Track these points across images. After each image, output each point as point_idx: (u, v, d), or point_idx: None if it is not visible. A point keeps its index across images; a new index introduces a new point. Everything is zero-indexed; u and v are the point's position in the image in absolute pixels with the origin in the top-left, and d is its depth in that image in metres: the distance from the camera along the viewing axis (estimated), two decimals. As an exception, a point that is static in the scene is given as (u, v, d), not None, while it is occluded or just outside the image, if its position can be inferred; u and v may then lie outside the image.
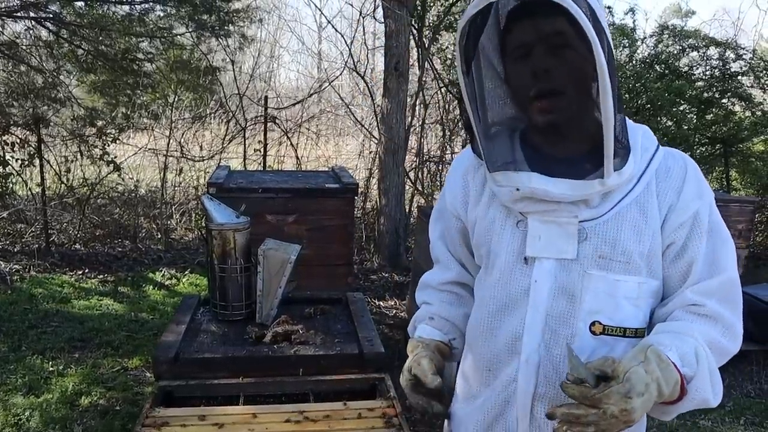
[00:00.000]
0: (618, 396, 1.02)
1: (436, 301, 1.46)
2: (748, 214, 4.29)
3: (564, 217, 1.20)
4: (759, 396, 4.19)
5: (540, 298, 1.22)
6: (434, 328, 1.41)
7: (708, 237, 1.21)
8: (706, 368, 1.12)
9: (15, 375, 3.85)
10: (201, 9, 6.73)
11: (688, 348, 1.12)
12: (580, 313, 1.20)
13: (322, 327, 2.18)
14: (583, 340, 1.20)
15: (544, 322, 1.22)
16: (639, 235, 1.19)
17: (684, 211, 1.20)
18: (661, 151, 1.24)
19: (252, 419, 1.66)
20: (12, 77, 6.59)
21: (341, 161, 8.14)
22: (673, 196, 1.20)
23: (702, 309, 1.19)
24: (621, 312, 1.20)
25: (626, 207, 1.19)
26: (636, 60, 6.78)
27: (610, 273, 1.19)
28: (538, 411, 1.24)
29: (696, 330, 1.16)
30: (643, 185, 1.20)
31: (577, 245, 1.20)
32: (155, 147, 7.36)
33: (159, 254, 6.57)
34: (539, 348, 1.22)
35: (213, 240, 2.21)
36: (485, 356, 1.31)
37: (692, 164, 1.24)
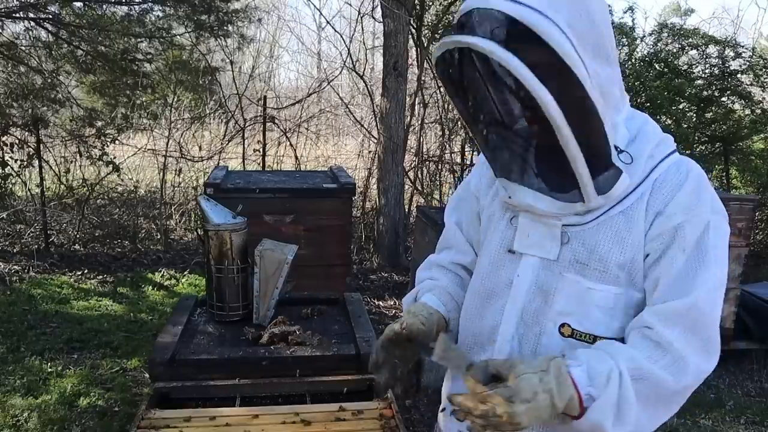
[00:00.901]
0: (501, 398, 1.06)
1: (444, 278, 1.46)
2: (748, 212, 4.28)
3: (550, 219, 1.22)
4: (759, 395, 4.18)
5: (519, 293, 1.26)
6: (440, 302, 1.40)
7: (690, 257, 1.13)
8: (615, 395, 1.08)
9: (13, 376, 3.85)
10: (200, 9, 6.73)
11: (602, 369, 1.09)
12: (550, 313, 1.22)
13: (319, 328, 2.17)
14: (551, 339, 1.22)
15: (520, 317, 1.26)
16: (620, 245, 1.17)
17: (666, 221, 1.15)
18: (668, 160, 1.19)
19: (248, 421, 1.66)
20: (11, 78, 6.59)
21: (340, 161, 8.14)
22: (660, 205, 1.16)
23: (653, 334, 1.13)
24: (591, 319, 1.20)
25: (613, 216, 1.18)
26: (635, 58, 6.76)
27: (585, 279, 1.19)
28: None
29: (626, 355, 1.11)
30: (637, 196, 1.17)
31: (559, 247, 1.22)
32: (154, 147, 7.36)
33: (158, 255, 6.56)
34: (512, 340, 1.26)
35: (210, 241, 2.20)
36: (469, 337, 1.35)
37: (695, 178, 1.17)
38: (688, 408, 3.88)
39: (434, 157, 7.75)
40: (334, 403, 1.76)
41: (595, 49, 1.08)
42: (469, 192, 1.45)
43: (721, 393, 4.17)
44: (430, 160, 7.74)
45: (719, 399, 4.08)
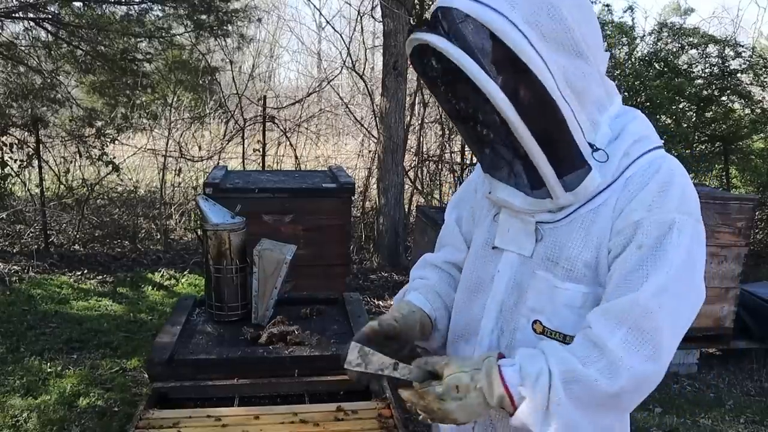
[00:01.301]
0: (432, 396, 1.13)
1: (435, 277, 1.47)
2: (747, 211, 4.28)
3: (525, 215, 1.24)
4: (759, 394, 4.18)
5: (498, 288, 1.29)
6: (426, 300, 1.41)
7: (645, 255, 1.10)
8: (543, 397, 1.08)
9: (13, 376, 3.85)
10: (199, 9, 6.72)
11: (532, 370, 1.10)
12: (523, 309, 1.25)
13: (318, 328, 2.16)
14: (525, 335, 1.24)
15: (499, 311, 1.29)
16: (587, 244, 1.17)
17: (627, 217, 1.13)
18: (645, 158, 1.16)
19: (247, 421, 1.66)
20: (11, 78, 6.59)
21: (340, 161, 8.13)
22: (625, 203, 1.14)
23: (591, 334, 1.10)
24: (559, 317, 1.20)
25: (584, 214, 1.18)
26: (635, 58, 6.76)
27: (554, 278, 1.20)
28: None
29: (560, 356, 1.11)
30: (608, 194, 1.16)
31: (534, 244, 1.24)
32: (154, 147, 7.36)
33: (158, 255, 6.56)
34: (491, 333, 1.29)
35: (208, 240, 2.20)
36: (458, 329, 1.38)
37: (662, 176, 1.13)
38: (687, 407, 3.89)
39: (434, 157, 7.74)
40: (332, 403, 1.76)
41: (562, 44, 1.07)
42: (470, 189, 1.46)
43: (720, 392, 4.17)
44: (430, 159, 7.73)
45: (719, 398, 4.08)
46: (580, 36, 1.09)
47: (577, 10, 1.10)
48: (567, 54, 1.08)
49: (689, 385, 4.24)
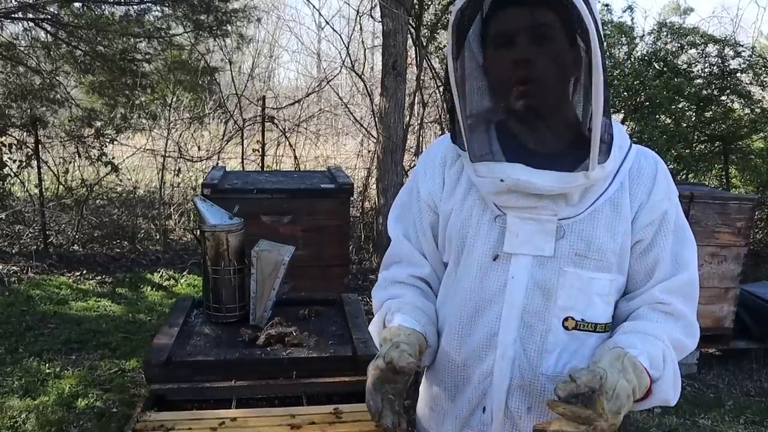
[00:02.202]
0: (611, 413, 1.06)
1: (409, 293, 1.39)
2: (747, 211, 4.27)
3: (544, 215, 1.22)
4: (759, 395, 4.18)
5: (516, 294, 1.25)
6: (414, 319, 1.32)
7: (674, 236, 1.26)
8: (672, 371, 1.19)
9: (11, 377, 3.84)
10: (199, 9, 6.72)
11: (656, 351, 1.17)
12: (554, 309, 1.24)
13: (316, 329, 2.16)
14: (557, 335, 1.25)
15: (520, 318, 1.25)
16: (612, 233, 1.23)
17: (653, 210, 1.24)
18: (633, 149, 1.27)
19: (244, 423, 1.65)
20: (10, 78, 6.58)
21: (340, 161, 8.13)
22: (643, 195, 1.25)
23: (668, 308, 1.25)
24: (593, 308, 1.25)
25: (601, 205, 1.23)
26: (634, 58, 6.75)
27: (585, 270, 1.23)
28: (512, 404, 1.28)
29: (663, 331, 1.22)
30: (618, 184, 1.24)
31: (554, 243, 1.23)
32: (153, 147, 7.35)
33: (157, 255, 6.56)
34: (514, 343, 1.26)
35: (206, 242, 2.19)
36: (461, 354, 1.32)
37: (662, 164, 1.29)
38: (687, 408, 3.88)
39: (433, 157, 7.72)
40: (330, 405, 1.75)
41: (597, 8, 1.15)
42: (416, 201, 1.39)
43: (720, 392, 4.17)
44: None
45: (718, 399, 4.08)
46: None
47: None
48: None
49: (689, 386, 4.24)
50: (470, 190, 1.30)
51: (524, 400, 1.27)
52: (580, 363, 1.24)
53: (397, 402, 1.24)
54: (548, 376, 1.25)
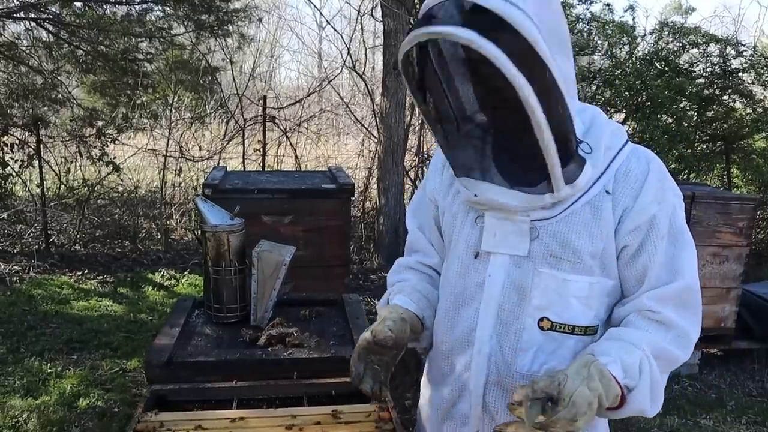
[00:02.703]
0: (565, 421, 1.07)
1: (414, 278, 1.49)
2: (749, 211, 4.26)
3: (518, 216, 1.24)
4: (761, 395, 4.17)
5: (493, 292, 1.28)
6: (411, 300, 1.42)
7: (668, 242, 1.21)
8: (648, 381, 1.17)
9: (13, 377, 3.85)
10: (200, 9, 6.72)
11: (633, 360, 1.16)
12: (528, 309, 1.25)
13: (317, 329, 2.16)
14: (531, 335, 1.26)
15: (496, 316, 1.28)
16: (590, 236, 1.21)
17: (639, 215, 1.20)
18: (625, 150, 1.23)
19: (245, 423, 1.65)
20: (12, 78, 6.59)
21: (341, 161, 8.12)
22: (629, 199, 1.21)
23: (657, 316, 1.21)
24: (569, 310, 1.24)
25: (580, 208, 1.21)
26: (636, 57, 6.74)
27: (560, 272, 1.23)
28: (489, 399, 1.32)
29: (645, 340, 1.19)
30: (600, 186, 1.21)
31: (529, 243, 1.24)
32: (155, 147, 7.36)
33: (158, 255, 6.56)
34: (491, 340, 1.29)
35: (207, 242, 2.19)
36: (446, 345, 1.39)
37: (656, 167, 1.23)
38: (689, 408, 3.88)
39: (434, 157, 7.72)
40: (331, 406, 1.75)
41: (558, 39, 1.09)
42: (425, 197, 1.47)
43: (722, 393, 4.16)
44: (430, 159, 7.72)
45: (720, 399, 4.07)
46: (566, 32, 1.13)
47: (560, 6, 1.13)
48: (559, 47, 1.10)
49: (690, 386, 4.23)
50: (458, 194, 1.35)
51: (501, 396, 1.31)
52: (559, 364, 1.25)
53: (383, 373, 1.36)
54: (523, 374, 1.27)
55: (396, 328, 1.32)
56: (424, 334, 1.44)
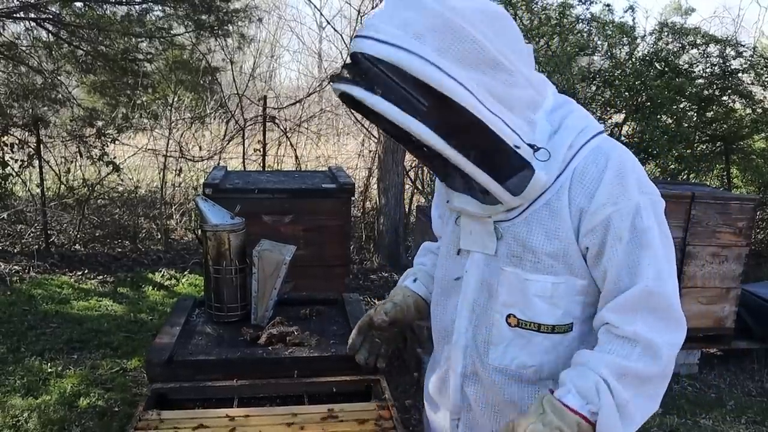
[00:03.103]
0: None
1: (430, 262, 1.62)
2: (748, 211, 4.27)
3: (483, 218, 1.31)
4: (760, 395, 4.17)
5: (468, 288, 1.36)
6: (421, 284, 1.58)
7: (629, 243, 1.18)
8: (611, 402, 1.14)
9: (13, 376, 3.85)
10: (200, 9, 6.72)
11: (588, 384, 1.15)
12: (496, 306, 1.32)
13: (318, 328, 2.16)
14: (501, 330, 1.32)
15: (471, 310, 1.36)
16: (547, 236, 1.24)
17: (595, 216, 1.20)
18: (587, 147, 1.22)
19: (245, 422, 1.65)
20: (12, 78, 6.59)
21: (341, 161, 8.13)
22: (584, 200, 1.20)
23: (618, 330, 1.18)
24: (533, 308, 1.28)
25: (538, 209, 1.25)
26: (636, 58, 6.75)
27: (522, 271, 1.27)
28: (467, 389, 1.40)
29: (604, 362, 1.16)
30: (557, 187, 1.22)
31: (496, 243, 1.30)
32: (155, 147, 7.36)
33: (159, 255, 6.56)
34: (466, 332, 1.37)
35: (208, 241, 2.19)
36: (436, 333, 1.49)
37: (615, 165, 1.20)
38: (688, 408, 3.88)
39: (435, 157, 7.71)
40: (332, 404, 1.76)
41: (478, 61, 1.10)
42: (440, 189, 1.53)
43: (721, 393, 4.16)
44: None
45: (720, 399, 4.08)
46: (494, 49, 1.12)
47: (486, 25, 1.12)
48: (486, 68, 1.11)
49: (690, 386, 4.24)
50: None
51: (477, 388, 1.38)
52: (529, 359, 1.30)
53: (384, 347, 1.56)
54: (495, 367, 1.33)
55: (394, 312, 1.50)
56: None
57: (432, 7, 1.08)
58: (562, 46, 6.60)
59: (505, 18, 1.18)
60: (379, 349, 1.54)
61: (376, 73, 1.08)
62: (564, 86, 6.47)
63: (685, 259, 4.21)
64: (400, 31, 1.07)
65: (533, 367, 1.30)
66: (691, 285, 4.26)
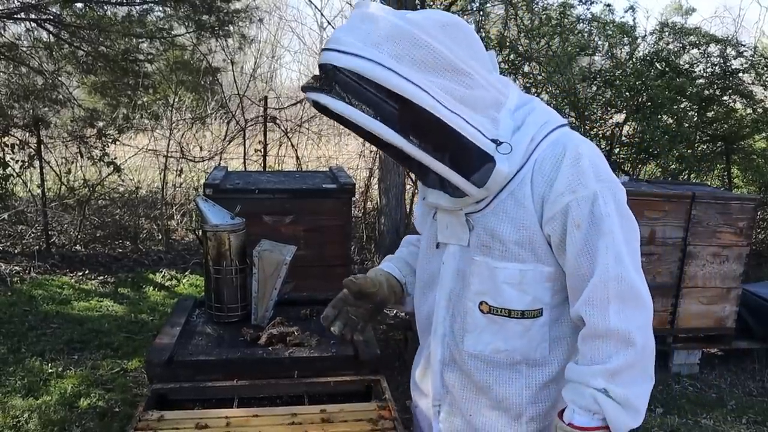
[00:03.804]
0: None
1: (405, 251, 1.70)
2: (749, 211, 4.27)
3: (455, 210, 1.38)
4: (761, 394, 4.17)
5: (445, 278, 1.44)
6: (394, 266, 1.65)
7: (588, 231, 1.24)
8: (612, 405, 1.23)
9: (14, 377, 3.85)
10: (201, 9, 6.73)
11: (586, 399, 1.25)
12: (469, 294, 1.39)
13: (318, 329, 2.15)
14: (474, 317, 1.39)
15: (448, 299, 1.44)
16: (514, 225, 1.31)
17: (554, 205, 1.27)
18: (548, 139, 1.30)
19: (245, 422, 1.65)
20: (12, 79, 6.59)
21: (342, 161, 8.13)
22: (544, 188, 1.28)
23: (592, 330, 1.25)
24: (503, 295, 1.35)
25: (504, 199, 1.32)
26: (636, 58, 6.74)
27: (492, 260, 1.34)
28: (446, 376, 1.48)
29: (590, 374, 1.25)
30: (520, 178, 1.30)
31: (468, 234, 1.37)
32: (155, 148, 7.36)
33: (159, 255, 6.57)
34: (444, 321, 1.45)
35: (208, 241, 2.20)
36: (419, 324, 1.57)
37: (572, 155, 1.26)
38: (689, 408, 3.88)
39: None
40: (331, 404, 1.76)
41: (436, 66, 1.19)
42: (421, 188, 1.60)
43: (722, 392, 4.16)
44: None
45: (721, 399, 4.07)
46: (452, 55, 1.21)
47: (443, 34, 1.21)
48: (444, 73, 1.20)
49: (691, 386, 4.23)
50: None
51: (456, 374, 1.46)
52: (504, 344, 1.38)
53: (361, 323, 1.58)
54: (470, 353, 1.41)
55: (365, 280, 1.54)
56: (406, 299, 1.63)
57: (389, 20, 1.18)
58: (562, 46, 6.60)
59: (462, 27, 1.26)
60: (356, 324, 1.58)
61: (342, 81, 1.17)
62: (565, 86, 6.47)
63: (686, 259, 4.21)
64: (359, 42, 1.16)
65: (506, 351, 1.38)
66: (692, 285, 4.26)
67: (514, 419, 1.40)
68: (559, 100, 6.58)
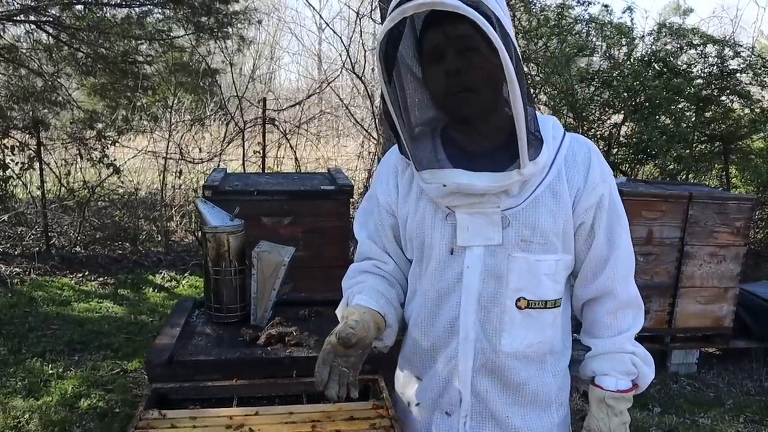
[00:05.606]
0: None
1: (370, 279, 1.51)
2: (746, 211, 4.28)
3: (488, 208, 1.33)
4: (759, 394, 4.18)
5: (472, 282, 1.37)
6: (371, 299, 1.43)
7: (608, 215, 1.38)
8: (643, 364, 1.42)
9: (14, 378, 3.87)
10: (199, 11, 6.74)
11: (626, 365, 1.41)
12: (507, 292, 1.36)
13: (317, 329, 2.17)
14: (511, 315, 1.37)
15: (477, 302, 1.37)
16: (553, 217, 1.34)
17: (591, 194, 1.36)
18: (567, 138, 1.38)
19: (244, 420, 1.67)
20: (12, 81, 6.61)
21: (341, 162, 8.14)
22: (580, 180, 1.36)
23: (618, 303, 1.42)
24: (542, 287, 1.37)
25: (541, 193, 1.34)
26: (634, 58, 6.76)
27: (531, 254, 1.35)
28: (478, 383, 1.41)
29: (623, 342, 1.42)
30: (555, 172, 1.34)
31: (501, 232, 1.34)
32: (155, 149, 7.37)
33: (159, 256, 6.58)
34: (475, 325, 1.38)
35: (207, 243, 2.21)
36: (427, 341, 1.46)
37: (595, 149, 1.40)
38: (687, 407, 3.90)
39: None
40: (330, 403, 1.77)
41: (510, 27, 1.22)
42: (376, 207, 1.52)
43: (720, 392, 4.18)
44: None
45: (718, 398, 4.09)
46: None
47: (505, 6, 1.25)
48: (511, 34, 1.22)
49: (689, 385, 4.25)
50: (422, 194, 1.41)
51: (489, 379, 1.41)
52: (536, 337, 1.40)
53: (351, 374, 1.36)
54: (507, 353, 1.39)
55: (359, 326, 1.32)
56: (387, 332, 1.44)
57: None
58: (560, 47, 6.62)
59: None
60: (347, 377, 1.36)
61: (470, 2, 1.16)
62: (563, 87, 6.49)
63: (684, 258, 4.22)
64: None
65: (539, 343, 1.40)
66: (690, 285, 4.27)
67: (545, 410, 1.45)
68: (557, 100, 6.60)
